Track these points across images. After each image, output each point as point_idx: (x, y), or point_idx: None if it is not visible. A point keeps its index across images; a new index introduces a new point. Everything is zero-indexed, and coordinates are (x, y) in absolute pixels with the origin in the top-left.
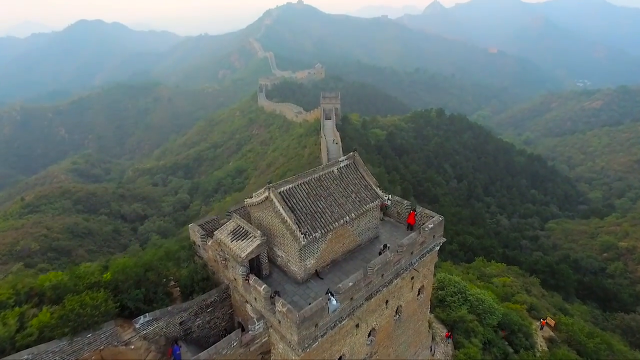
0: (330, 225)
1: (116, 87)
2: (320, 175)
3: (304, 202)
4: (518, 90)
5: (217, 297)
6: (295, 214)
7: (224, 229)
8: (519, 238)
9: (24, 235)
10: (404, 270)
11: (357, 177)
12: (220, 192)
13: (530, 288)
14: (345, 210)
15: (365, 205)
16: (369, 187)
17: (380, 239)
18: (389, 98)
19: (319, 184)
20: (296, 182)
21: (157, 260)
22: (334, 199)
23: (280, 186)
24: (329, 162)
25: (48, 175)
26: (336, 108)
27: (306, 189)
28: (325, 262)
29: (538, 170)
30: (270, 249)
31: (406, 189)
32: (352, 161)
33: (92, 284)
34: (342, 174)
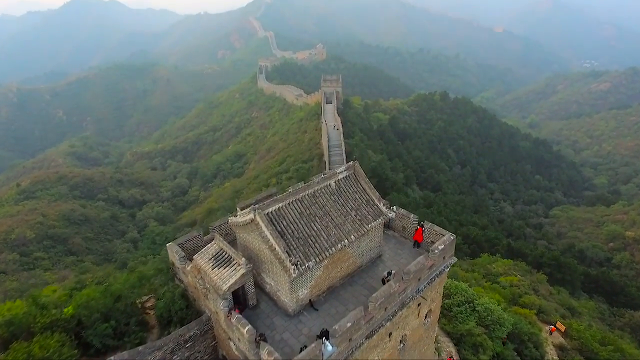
0: (326, 251)
1: (114, 68)
2: (315, 190)
3: (295, 225)
4: (523, 72)
5: (198, 330)
6: (286, 239)
7: (205, 252)
8: (522, 226)
9: (19, 223)
10: (410, 300)
11: (358, 191)
12: (220, 177)
13: (538, 287)
14: (343, 232)
15: (366, 225)
16: (371, 202)
17: (383, 259)
18: (391, 79)
19: (314, 201)
20: (287, 200)
21: (128, 288)
22: (330, 219)
23: (268, 206)
24: (328, 166)
25: (46, 159)
26: (337, 91)
27: (298, 208)
28: (321, 290)
29: (543, 156)
30: (257, 274)
31: (409, 177)
32: (352, 172)
33: (49, 323)
34: (341, 188)
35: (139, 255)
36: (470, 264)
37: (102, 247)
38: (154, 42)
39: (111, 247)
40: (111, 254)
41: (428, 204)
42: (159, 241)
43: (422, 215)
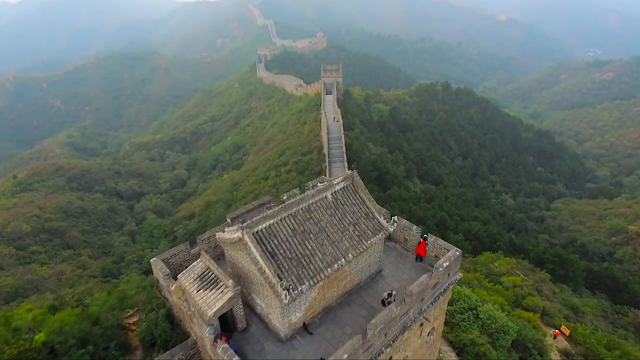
0: (321, 272)
1: (112, 57)
2: (309, 204)
3: (288, 243)
4: (526, 61)
5: (183, 356)
6: (277, 260)
7: (190, 272)
8: (524, 220)
9: (15, 216)
10: (412, 322)
11: (356, 203)
12: (218, 168)
13: (541, 286)
14: (341, 251)
15: (365, 242)
16: (370, 215)
17: (383, 274)
18: (392, 69)
19: (308, 216)
20: (278, 216)
21: (107, 310)
22: (326, 235)
23: (257, 223)
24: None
25: (43, 150)
26: (338, 82)
27: (291, 224)
28: (316, 312)
29: (545, 147)
30: (248, 294)
31: (410, 170)
32: (351, 182)
33: (17, 354)
34: (338, 200)
35: (137, 249)
36: (472, 262)
37: (100, 240)
38: (152, 30)
39: (109, 240)
40: (109, 247)
41: (429, 198)
42: (157, 234)
43: (424, 211)
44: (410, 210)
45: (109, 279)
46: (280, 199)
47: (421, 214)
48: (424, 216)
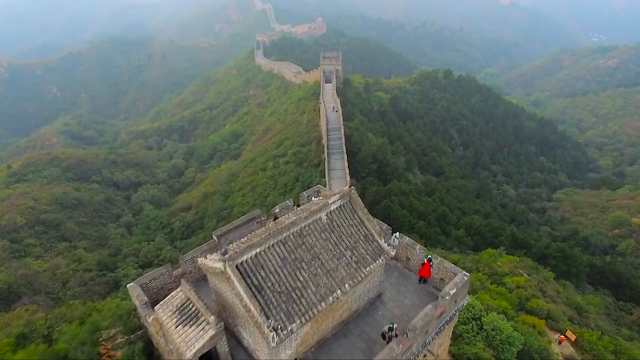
0: (314, 308)
1: (108, 42)
2: (302, 228)
3: (277, 275)
4: (529, 46)
5: None
6: (264, 295)
7: (168, 303)
8: (525, 211)
9: (10, 208)
10: (415, 356)
11: (354, 224)
12: (216, 158)
13: (545, 286)
14: (336, 281)
15: (364, 269)
16: (370, 237)
17: (383, 298)
18: (393, 55)
19: (300, 241)
20: (266, 244)
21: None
22: (320, 264)
23: (242, 253)
24: (315, 202)
25: (39, 138)
26: (337, 69)
27: (281, 252)
28: (309, 346)
29: (548, 136)
30: (233, 326)
31: (410, 161)
32: (348, 200)
33: None
34: (334, 222)
35: (133, 241)
36: (474, 261)
37: (96, 231)
38: (149, 14)
39: (105, 231)
40: (105, 239)
41: (430, 190)
42: (154, 226)
43: (425, 205)
44: (411, 205)
45: (104, 273)
46: (272, 212)
47: (422, 208)
48: (425, 211)
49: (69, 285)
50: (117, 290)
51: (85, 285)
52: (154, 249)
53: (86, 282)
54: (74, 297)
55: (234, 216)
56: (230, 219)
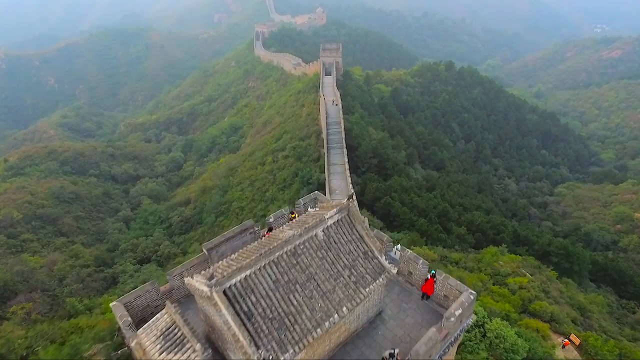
0: (309, 335)
1: (105, 32)
2: (296, 246)
3: (268, 299)
4: (532, 37)
5: None
6: (254, 322)
7: (152, 327)
8: (527, 206)
9: (6, 203)
10: None
11: (353, 240)
12: (215, 151)
13: (548, 286)
14: (333, 304)
15: (364, 290)
16: (369, 254)
17: (383, 316)
18: (394, 46)
19: (294, 261)
20: (257, 265)
21: None
22: (316, 285)
23: (230, 277)
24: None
25: (37, 130)
26: (337, 61)
27: (273, 274)
28: None
29: (550, 129)
30: (223, 349)
31: (411, 155)
32: (346, 214)
33: None
34: (331, 238)
35: (131, 236)
36: (476, 260)
37: (94, 226)
38: (147, 4)
39: (103, 226)
40: (103, 233)
41: (431, 186)
42: (152, 221)
43: (426, 202)
44: (412, 202)
45: (102, 269)
46: (266, 221)
47: (423, 205)
48: (426, 207)
49: (65, 282)
50: (114, 286)
51: (83, 282)
52: (152, 245)
53: (83, 278)
54: (70, 294)
55: (233, 211)
56: (228, 213)
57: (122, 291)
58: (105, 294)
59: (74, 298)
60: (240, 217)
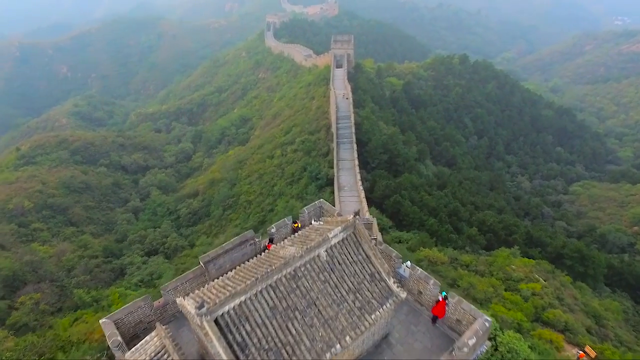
0: None
1: (117, 21)
2: (296, 268)
3: (264, 328)
4: (549, 30)
5: None
6: (248, 354)
7: (141, 350)
8: (540, 204)
9: (18, 191)
10: None
11: (359, 260)
12: (224, 142)
13: (562, 292)
14: (336, 332)
15: (369, 317)
16: (377, 276)
17: (390, 340)
18: (407, 38)
19: (294, 285)
20: (253, 290)
21: None
22: (317, 312)
23: (222, 303)
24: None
25: (49, 119)
26: (349, 54)
27: (270, 300)
28: None
29: (566, 125)
30: None
31: (422, 151)
32: (352, 232)
33: None
34: (335, 259)
35: (139, 228)
36: (487, 263)
37: (104, 216)
38: None
39: (112, 216)
40: (112, 224)
41: (442, 183)
42: (160, 212)
43: (436, 200)
44: (422, 200)
45: (110, 260)
46: (267, 231)
47: (433, 203)
48: (437, 206)
49: (73, 273)
50: (122, 277)
51: (91, 273)
52: (159, 236)
53: (91, 269)
54: (78, 285)
55: (241, 204)
56: (236, 207)
57: (129, 283)
58: (113, 285)
59: (81, 290)
60: (247, 210)
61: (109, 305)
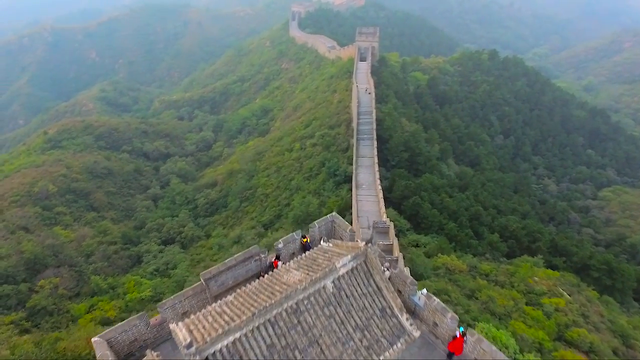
0: None
1: (145, 8)
2: (298, 301)
3: None
4: (586, 24)
5: None
6: None
7: None
8: (567, 209)
9: (43, 175)
10: None
11: (369, 293)
12: (244, 133)
13: (588, 309)
14: None
15: (378, 357)
16: (388, 311)
17: None
18: (435, 31)
19: (295, 320)
20: (249, 326)
21: None
22: (320, 351)
23: (215, 340)
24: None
25: (77, 103)
26: (373, 47)
27: (268, 336)
28: None
29: (599, 127)
30: None
31: (445, 150)
32: (363, 261)
33: None
34: (342, 291)
35: (157, 216)
36: (508, 273)
37: (124, 202)
38: None
39: (133, 202)
40: (132, 210)
41: (464, 185)
42: (179, 201)
43: (457, 203)
44: (442, 202)
45: (128, 246)
46: (274, 246)
47: (454, 206)
48: (457, 209)
49: (92, 259)
50: (138, 265)
51: (109, 259)
52: (177, 226)
53: (110, 255)
54: (95, 272)
55: (257, 197)
56: (253, 199)
57: (145, 272)
58: (129, 272)
59: (98, 276)
60: (264, 204)
61: (124, 293)
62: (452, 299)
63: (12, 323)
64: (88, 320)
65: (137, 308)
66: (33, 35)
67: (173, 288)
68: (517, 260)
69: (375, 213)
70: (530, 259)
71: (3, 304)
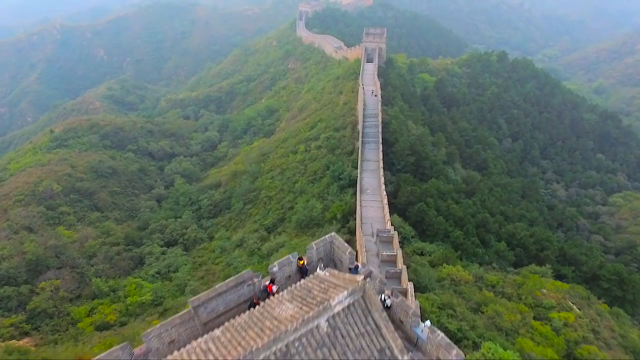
0: None
1: (153, 6)
2: (288, 343)
3: None
4: (597, 25)
5: None
6: None
7: None
8: (576, 215)
9: (48, 174)
10: None
11: (367, 332)
12: (250, 133)
13: (598, 324)
14: None
15: None
16: (387, 352)
17: None
18: (443, 31)
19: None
20: None
21: None
22: None
23: None
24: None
25: (84, 101)
26: (380, 48)
27: None
28: None
29: (610, 131)
30: None
31: (452, 153)
32: (360, 296)
33: None
34: (337, 331)
35: (161, 217)
36: (515, 285)
37: (128, 202)
38: None
39: (137, 202)
40: (136, 210)
41: (471, 190)
42: (183, 202)
43: (464, 210)
44: (448, 209)
45: (130, 248)
46: (269, 269)
47: (460, 213)
48: (463, 216)
49: (94, 261)
50: (140, 267)
51: (111, 261)
52: (180, 227)
53: (112, 257)
54: (97, 274)
55: (261, 200)
56: (256, 202)
57: (146, 274)
58: (131, 275)
59: (99, 279)
60: (267, 206)
61: (125, 296)
62: (458, 313)
63: (12, 325)
64: (88, 323)
65: (137, 312)
66: (42, 33)
67: (174, 292)
68: (525, 270)
69: (379, 219)
70: (538, 269)
71: (4, 306)
